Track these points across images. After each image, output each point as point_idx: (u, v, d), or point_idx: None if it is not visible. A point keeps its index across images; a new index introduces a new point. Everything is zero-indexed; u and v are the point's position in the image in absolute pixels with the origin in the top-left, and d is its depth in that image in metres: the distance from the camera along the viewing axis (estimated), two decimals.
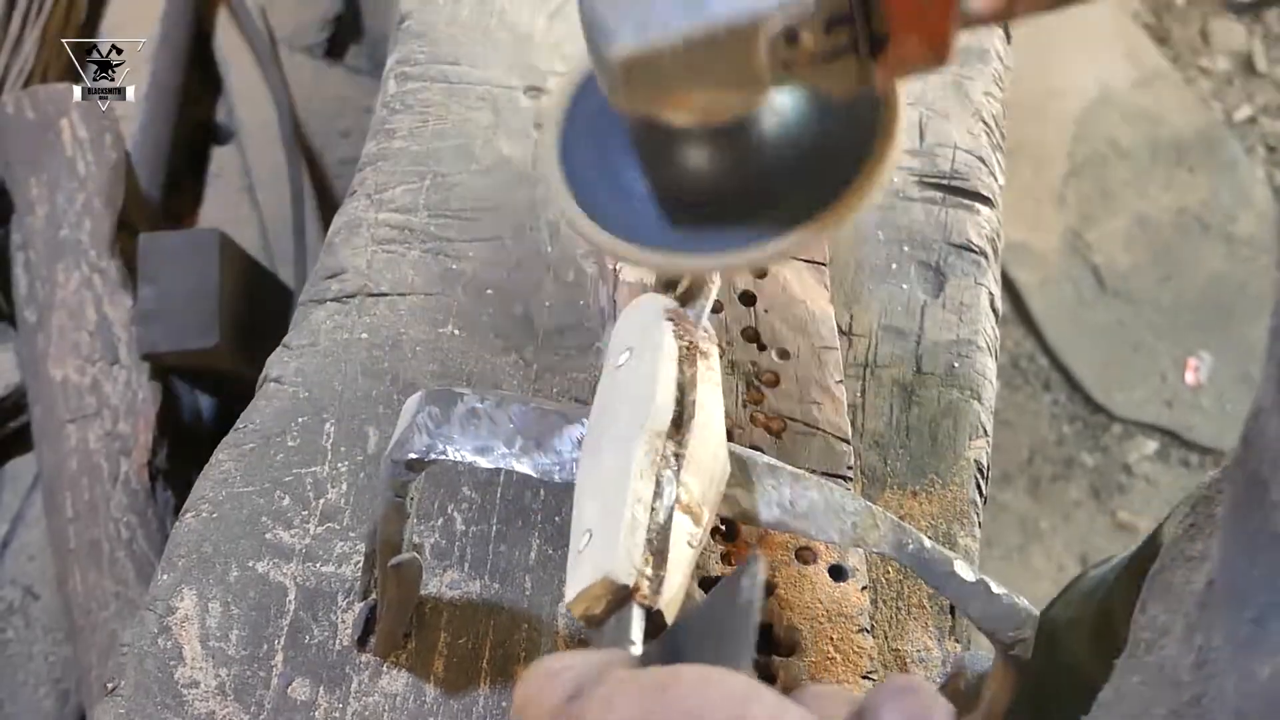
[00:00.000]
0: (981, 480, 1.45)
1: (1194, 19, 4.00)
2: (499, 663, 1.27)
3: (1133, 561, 1.54)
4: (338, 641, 1.28)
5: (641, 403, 1.03)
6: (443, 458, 1.10)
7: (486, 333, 1.47)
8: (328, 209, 2.59)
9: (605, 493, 1.02)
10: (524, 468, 1.10)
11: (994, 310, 1.57)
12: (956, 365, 1.51)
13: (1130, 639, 0.86)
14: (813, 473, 1.15)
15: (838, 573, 1.30)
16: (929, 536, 1.17)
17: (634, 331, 1.10)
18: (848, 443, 1.37)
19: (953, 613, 1.35)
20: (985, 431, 1.48)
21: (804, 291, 1.43)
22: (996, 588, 1.14)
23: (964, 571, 1.14)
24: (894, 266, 1.56)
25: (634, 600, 0.95)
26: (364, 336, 1.46)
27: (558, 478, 1.11)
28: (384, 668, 1.27)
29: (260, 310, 2.25)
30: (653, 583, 0.96)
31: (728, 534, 1.28)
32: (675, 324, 1.08)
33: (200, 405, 2.34)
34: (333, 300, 1.49)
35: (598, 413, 1.08)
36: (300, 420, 1.40)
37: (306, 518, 1.34)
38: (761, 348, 1.40)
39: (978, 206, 1.61)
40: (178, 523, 1.36)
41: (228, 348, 2.10)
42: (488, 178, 1.59)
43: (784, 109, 0.97)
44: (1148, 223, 3.65)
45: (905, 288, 1.55)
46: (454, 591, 1.31)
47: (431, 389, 1.13)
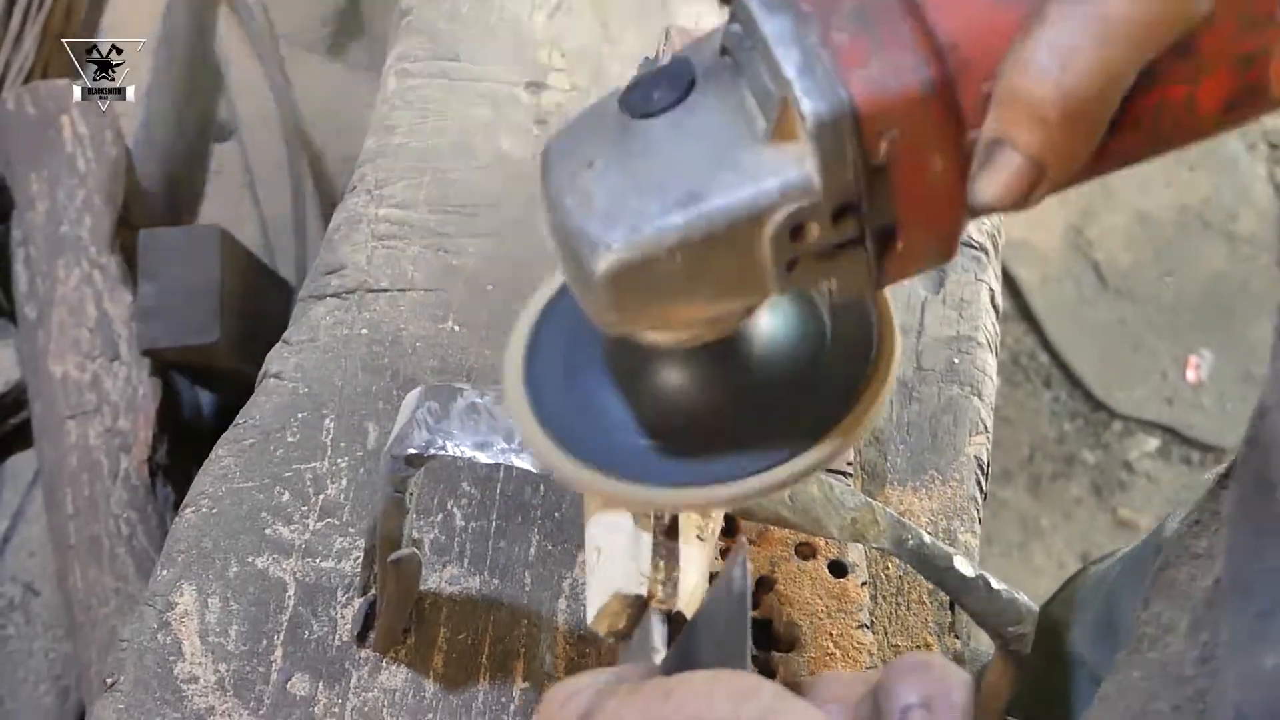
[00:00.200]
0: (982, 476, 1.45)
1: None
2: (498, 658, 1.27)
3: (1134, 558, 1.54)
4: (337, 637, 1.28)
5: None
6: (442, 453, 1.09)
7: (487, 329, 1.47)
8: (328, 205, 2.59)
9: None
10: (523, 463, 1.10)
11: (994, 306, 1.57)
12: (957, 361, 1.51)
13: (1133, 635, 0.86)
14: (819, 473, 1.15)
15: (837, 568, 1.30)
16: (929, 533, 1.17)
17: None
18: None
19: (952, 608, 1.35)
20: (985, 428, 1.48)
21: None
22: (996, 583, 1.14)
23: (964, 567, 1.14)
24: None
25: (652, 607, 0.95)
26: (364, 332, 1.46)
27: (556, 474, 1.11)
28: (383, 663, 1.26)
29: (260, 306, 2.25)
30: (667, 586, 0.96)
31: (726, 529, 1.27)
32: None
33: (200, 401, 2.34)
34: (332, 296, 1.49)
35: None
36: (300, 416, 1.40)
37: (306, 513, 1.34)
38: None
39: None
40: (177, 518, 1.36)
41: (228, 344, 2.10)
42: (488, 173, 1.59)
43: (770, 326, 0.92)
44: (1148, 220, 3.65)
45: (905, 283, 1.55)
46: (453, 587, 1.31)
47: (431, 384, 1.13)
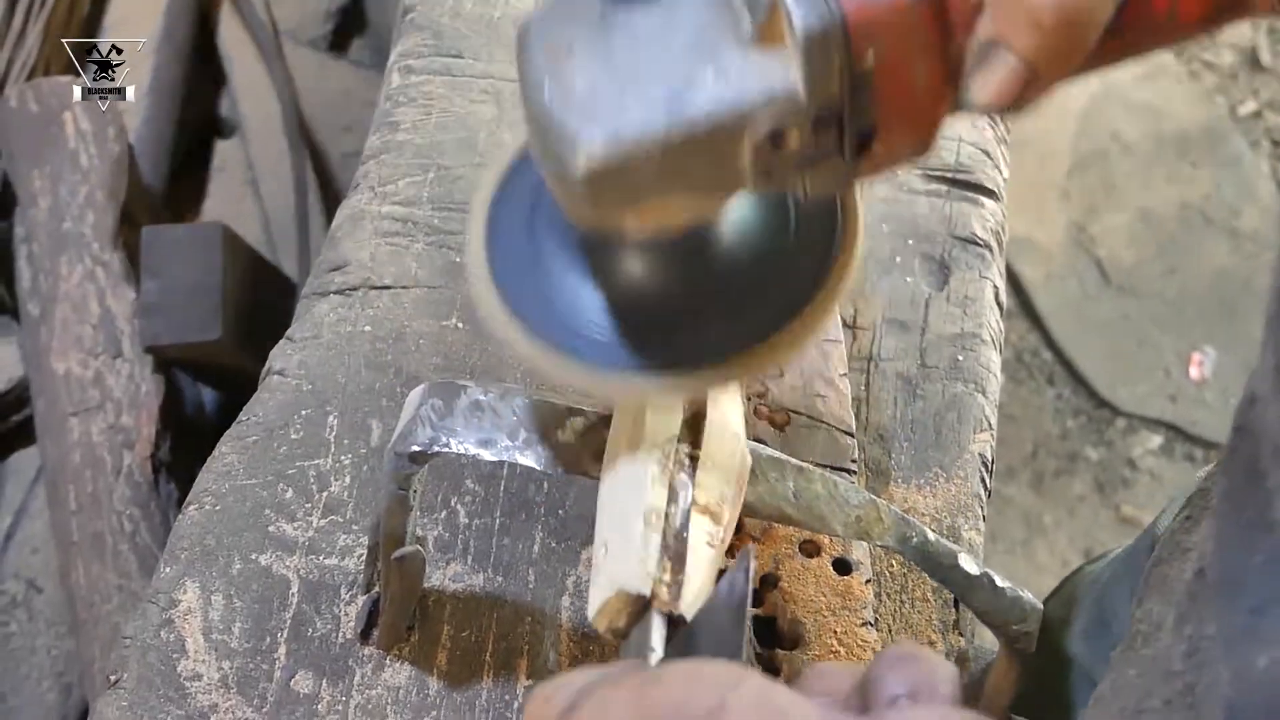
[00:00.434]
0: (986, 474, 1.45)
1: None
2: (502, 656, 1.27)
3: (1127, 556, 1.54)
4: (341, 634, 1.27)
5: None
6: (446, 450, 1.09)
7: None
8: (331, 202, 2.59)
9: (618, 503, 1.01)
10: (527, 460, 1.10)
11: (998, 303, 1.57)
12: (961, 359, 1.51)
13: (1128, 632, 0.86)
14: (817, 466, 1.15)
15: (842, 566, 1.30)
16: (933, 530, 1.16)
17: None
18: (852, 436, 1.37)
19: (957, 606, 1.35)
20: (989, 425, 1.48)
21: None
22: (1001, 581, 1.14)
23: (968, 565, 1.14)
24: (898, 259, 1.56)
25: (653, 608, 0.95)
26: (367, 329, 1.45)
27: (562, 470, 1.11)
28: (387, 660, 1.26)
29: (263, 303, 2.25)
30: (671, 588, 0.96)
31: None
32: None
33: (203, 398, 2.34)
34: (336, 293, 1.48)
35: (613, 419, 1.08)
36: (303, 413, 1.40)
37: (309, 510, 1.34)
38: None
39: (982, 199, 1.61)
40: (180, 515, 1.35)
41: (231, 341, 2.10)
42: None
43: (739, 216, 0.91)
44: (1151, 217, 3.64)
45: (909, 281, 1.55)
46: (457, 584, 1.30)
47: (435, 381, 1.12)
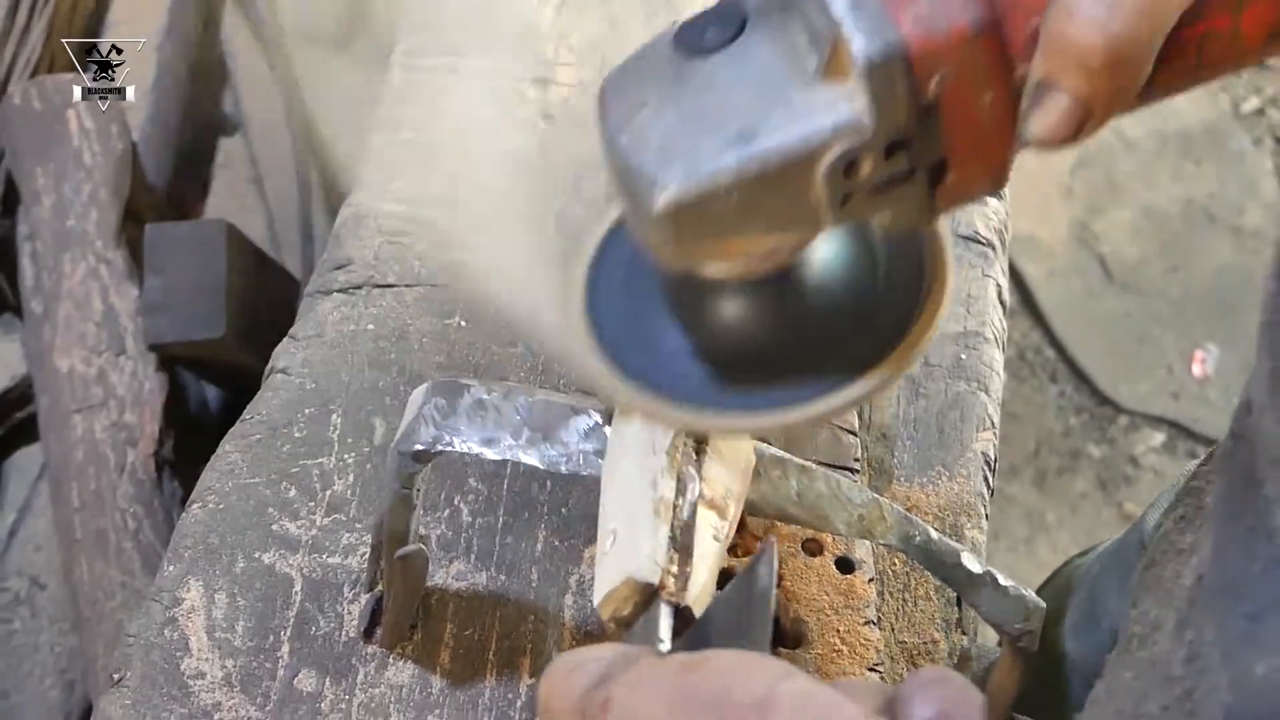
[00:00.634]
0: (989, 472, 1.45)
1: None
2: (505, 654, 1.27)
3: (1115, 551, 1.55)
4: (344, 633, 1.28)
5: None
6: (449, 449, 1.10)
7: (493, 325, 1.47)
8: (334, 200, 2.58)
9: (627, 493, 1.01)
10: (531, 459, 1.10)
11: (1001, 302, 1.57)
12: (964, 357, 1.51)
13: (1122, 633, 0.86)
14: (819, 465, 1.15)
15: (844, 565, 1.30)
16: (936, 529, 1.17)
17: None
18: (854, 435, 1.37)
19: (959, 605, 1.35)
20: (992, 424, 1.48)
21: None
22: (1003, 580, 1.14)
23: (971, 563, 1.14)
24: None
25: (661, 598, 0.95)
26: (370, 328, 1.46)
27: (565, 469, 1.11)
28: (390, 659, 1.26)
29: (267, 301, 2.25)
30: (679, 579, 0.96)
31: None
32: None
33: (206, 395, 2.34)
34: (339, 291, 1.48)
35: (619, 411, 1.08)
36: (307, 411, 1.40)
37: (313, 509, 1.34)
38: None
39: (985, 198, 1.61)
40: (184, 514, 1.36)
41: (234, 338, 2.10)
42: (494, 169, 1.59)
43: (825, 257, 0.93)
44: (1154, 214, 3.64)
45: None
46: (460, 583, 1.30)
47: (438, 380, 1.13)
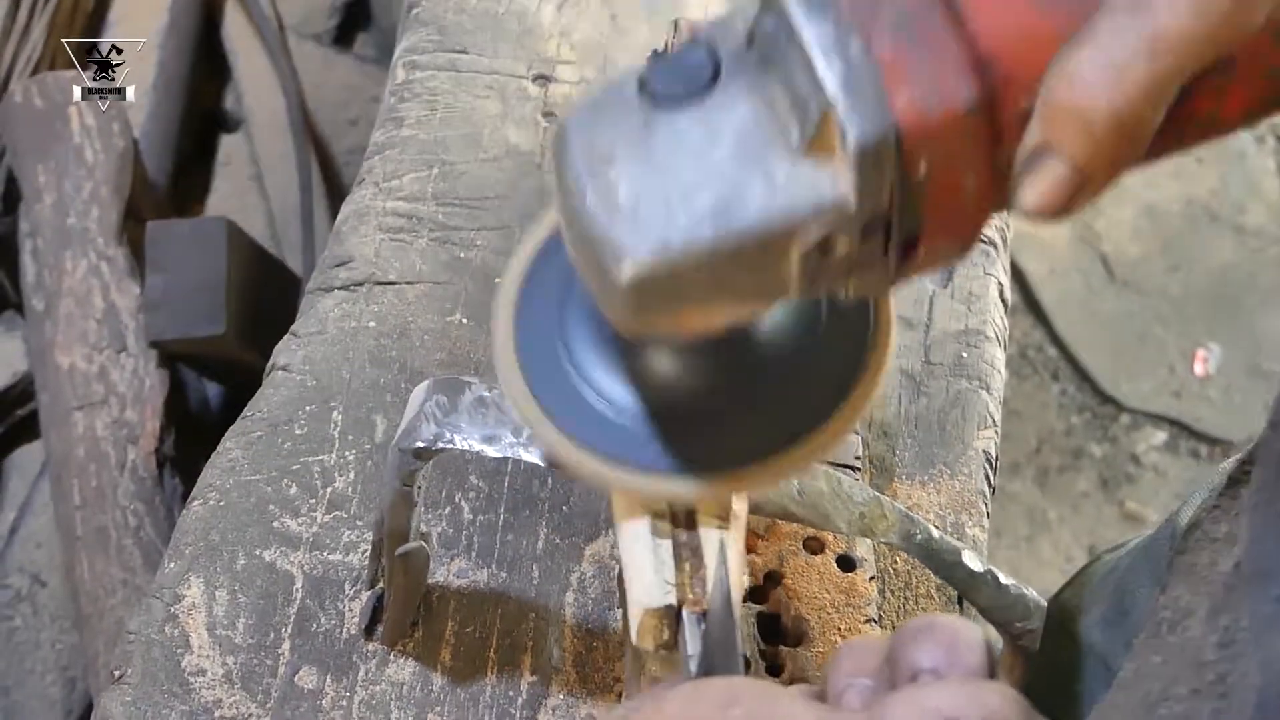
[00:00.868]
0: (990, 470, 1.45)
1: None
2: (506, 652, 1.27)
3: (1146, 546, 1.54)
4: (345, 630, 1.28)
5: None
6: (450, 447, 1.10)
7: None
8: (336, 197, 2.58)
9: (625, 522, 1.01)
10: (531, 457, 1.10)
11: (1003, 300, 1.57)
12: (965, 355, 1.51)
13: (1150, 620, 0.86)
14: (821, 463, 1.15)
15: (845, 563, 1.30)
16: (937, 527, 1.17)
17: None
18: (856, 433, 1.37)
19: (960, 603, 1.35)
20: (994, 422, 1.48)
21: None
22: (1004, 578, 1.14)
23: (972, 562, 1.14)
24: None
25: (684, 612, 0.95)
26: (371, 325, 1.46)
27: None
28: (391, 656, 1.27)
29: (268, 298, 2.25)
30: (697, 585, 0.96)
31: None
32: None
33: (207, 393, 2.34)
34: (340, 288, 1.48)
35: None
36: (308, 408, 1.40)
37: (314, 506, 1.34)
38: None
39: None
40: (185, 511, 1.36)
41: (235, 336, 2.10)
42: (495, 166, 1.59)
43: (772, 316, 0.90)
44: (1156, 213, 3.64)
45: (914, 277, 1.55)
46: (461, 580, 1.31)
47: (439, 377, 1.13)
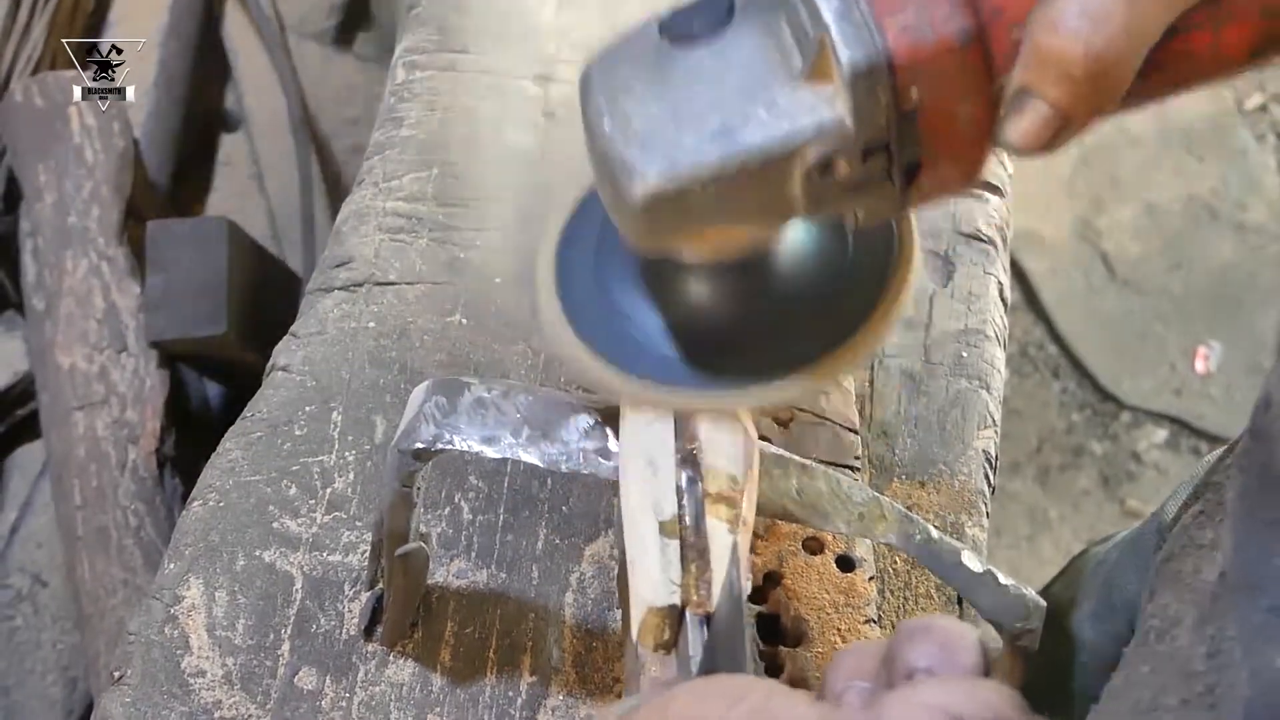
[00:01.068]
0: (990, 470, 1.45)
1: None
2: (505, 652, 1.27)
3: (1133, 540, 1.55)
4: (344, 631, 1.28)
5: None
6: (450, 447, 1.10)
7: (494, 322, 1.47)
8: (336, 196, 2.59)
9: (633, 518, 1.02)
10: (531, 457, 1.10)
11: (1003, 299, 1.57)
12: (965, 355, 1.51)
13: (1139, 627, 0.86)
14: (820, 463, 1.15)
15: (845, 563, 1.30)
16: (937, 527, 1.17)
17: None
18: (855, 433, 1.37)
19: (960, 603, 1.36)
20: (994, 421, 1.48)
21: None
22: (1004, 579, 1.14)
23: (972, 562, 1.14)
24: None
25: (688, 613, 0.96)
26: (371, 325, 1.46)
27: (565, 467, 1.11)
28: (391, 657, 1.27)
29: (268, 298, 2.25)
30: (702, 588, 0.96)
31: None
32: None
33: (207, 392, 2.35)
34: (340, 289, 1.49)
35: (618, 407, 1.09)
36: (307, 409, 1.40)
37: (313, 507, 1.34)
38: None
39: (987, 195, 1.61)
40: (185, 511, 1.36)
41: (236, 336, 2.10)
42: (495, 167, 1.59)
43: (796, 240, 0.93)
44: (1157, 211, 3.64)
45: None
46: (461, 581, 1.31)
47: (438, 378, 1.13)
